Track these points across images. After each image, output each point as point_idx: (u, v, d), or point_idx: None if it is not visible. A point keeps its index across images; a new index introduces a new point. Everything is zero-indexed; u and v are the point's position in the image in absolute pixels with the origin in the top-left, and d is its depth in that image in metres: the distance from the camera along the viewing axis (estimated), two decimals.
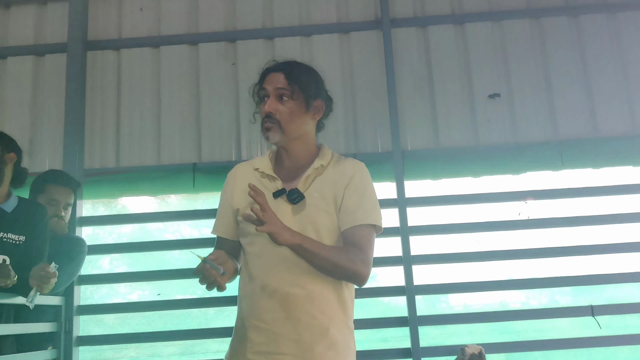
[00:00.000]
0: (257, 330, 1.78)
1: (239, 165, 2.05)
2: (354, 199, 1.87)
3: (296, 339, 1.75)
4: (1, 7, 3.76)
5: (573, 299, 3.35)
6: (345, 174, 1.90)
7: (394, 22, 3.58)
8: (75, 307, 3.22)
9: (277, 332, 1.76)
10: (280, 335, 1.76)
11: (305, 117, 1.91)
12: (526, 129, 3.45)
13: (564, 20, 3.58)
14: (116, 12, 3.75)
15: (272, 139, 1.88)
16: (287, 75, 1.89)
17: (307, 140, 1.96)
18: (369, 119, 3.50)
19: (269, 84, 1.90)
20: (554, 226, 3.37)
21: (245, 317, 1.83)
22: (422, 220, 3.38)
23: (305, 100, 1.89)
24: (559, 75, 3.51)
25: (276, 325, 1.76)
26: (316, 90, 1.93)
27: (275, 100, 1.87)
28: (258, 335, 1.78)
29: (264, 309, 1.78)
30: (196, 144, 3.53)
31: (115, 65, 3.66)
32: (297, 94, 1.88)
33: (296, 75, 1.89)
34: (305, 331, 1.76)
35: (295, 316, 1.76)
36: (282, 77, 1.89)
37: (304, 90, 1.88)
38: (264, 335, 1.77)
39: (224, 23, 3.69)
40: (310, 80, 1.92)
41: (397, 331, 3.31)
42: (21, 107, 3.60)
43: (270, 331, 1.77)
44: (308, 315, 1.77)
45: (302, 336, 1.75)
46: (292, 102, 1.87)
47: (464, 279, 3.32)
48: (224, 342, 3.26)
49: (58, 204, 2.93)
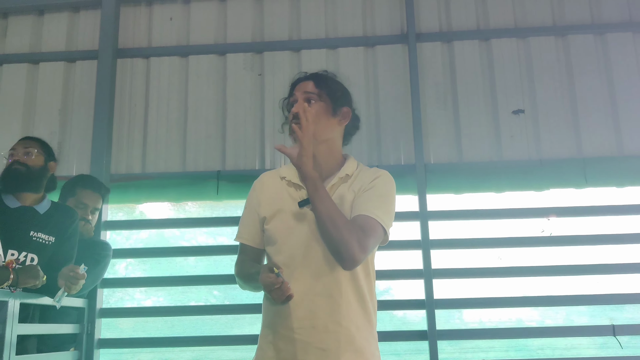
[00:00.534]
0: (284, 338, 1.79)
1: (266, 173, 2.07)
2: (371, 195, 1.86)
3: (323, 348, 1.76)
4: (35, 14, 3.86)
5: (590, 319, 3.30)
6: (368, 178, 1.92)
7: (420, 36, 3.61)
8: (97, 310, 3.26)
9: (304, 340, 1.77)
10: (307, 343, 1.77)
11: (332, 121, 1.94)
12: (550, 146, 3.45)
13: (590, 38, 3.58)
14: (146, 21, 3.82)
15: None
16: (316, 82, 1.95)
17: (333, 146, 1.97)
18: (393, 132, 3.52)
19: (298, 90, 1.96)
20: (576, 244, 3.35)
21: (271, 326, 1.84)
22: (444, 234, 3.37)
23: (332, 105, 1.93)
24: (584, 92, 3.51)
25: (303, 333, 1.77)
26: (343, 97, 1.97)
27: (303, 103, 1.91)
28: (285, 344, 1.79)
29: (290, 317, 1.79)
30: (221, 152, 3.57)
31: (144, 73, 3.73)
32: (324, 97, 1.93)
33: (324, 82, 1.95)
34: (332, 340, 1.77)
35: (322, 325, 1.77)
36: (311, 84, 1.95)
37: (331, 95, 1.93)
38: (291, 344, 1.78)
39: (251, 34, 3.74)
40: (338, 88, 1.98)
41: (411, 345, 3.29)
42: (52, 112, 3.69)
43: (297, 340, 1.77)
44: (335, 324, 1.78)
45: (329, 345, 1.76)
46: (318, 105, 1.92)
47: (483, 295, 3.30)
48: (237, 349, 3.32)
49: (86, 208, 2.99)
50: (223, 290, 3.53)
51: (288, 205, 1.89)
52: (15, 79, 3.75)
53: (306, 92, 1.93)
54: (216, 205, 3.60)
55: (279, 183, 1.97)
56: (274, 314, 1.84)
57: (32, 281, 2.26)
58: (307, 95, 1.93)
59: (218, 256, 3.50)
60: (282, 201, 1.91)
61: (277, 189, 1.95)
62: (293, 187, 1.93)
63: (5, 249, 2.28)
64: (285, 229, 1.87)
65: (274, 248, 1.90)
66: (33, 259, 2.52)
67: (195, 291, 3.52)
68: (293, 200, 1.88)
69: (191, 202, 3.64)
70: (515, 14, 3.65)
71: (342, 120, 1.97)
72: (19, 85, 3.74)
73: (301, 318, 1.78)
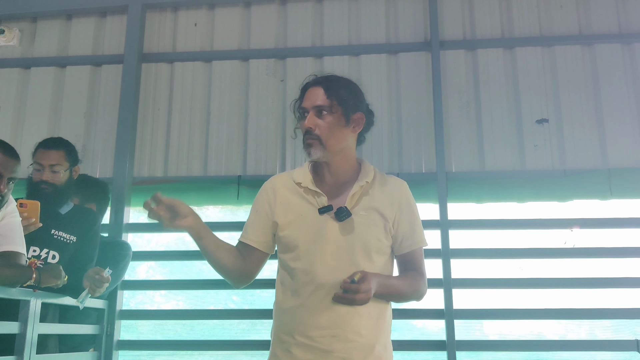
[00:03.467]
0: (303, 347, 1.78)
1: (277, 177, 2.04)
2: (407, 224, 1.92)
3: (344, 357, 1.75)
4: (63, 18, 3.93)
5: (614, 334, 3.24)
6: (393, 195, 1.93)
7: (444, 44, 3.59)
8: (117, 312, 3.29)
9: (324, 349, 1.76)
10: (327, 352, 1.76)
11: (346, 130, 1.91)
12: (574, 156, 3.40)
13: (617, 47, 3.53)
14: (171, 27, 3.86)
15: (314, 155, 1.89)
16: (326, 90, 1.90)
17: (348, 154, 1.96)
18: (414, 139, 3.50)
19: (308, 99, 1.92)
20: (600, 256, 3.29)
21: (287, 333, 1.82)
22: (464, 243, 3.34)
23: (345, 114, 1.89)
24: (610, 102, 3.45)
25: (324, 342, 1.76)
26: (355, 103, 1.93)
27: (314, 116, 1.88)
28: (304, 352, 1.78)
29: (310, 325, 1.78)
30: (242, 157, 3.59)
31: (168, 78, 3.77)
32: (335, 108, 1.88)
33: (334, 89, 1.90)
34: (353, 349, 1.76)
35: (343, 334, 1.76)
36: (321, 92, 1.90)
37: (343, 104, 1.89)
38: (310, 353, 1.77)
39: (274, 40, 3.76)
40: (349, 94, 1.92)
41: (429, 355, 3.27)
42: (77, 115, 3.74)
43: (318, 348, 1.76)
44: (355, 333, 1.77)
45: (350, 354, 1.76)
46: (331, 117, 1.88)
47: (503, 306, 3.26)
48: (255, 355, 3.31)
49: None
50: (242, 295, 3.54)
51: (308, 212, 1.88)
52: (43, 82, 3.81)
53: (316, 106, 1.89)
54: (237, 210, 3.61)
55: (294, 188, 1.94)
56: (291, 320, 1.83)
57: (54, 280, 2.29)
58: (318, 107, 1.89)
59: None
60: (300, 208, 1.90)
61: (292, 195, 1.93)
62: (311, 194, 1.92)
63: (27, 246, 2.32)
64: (306, 236, 1.86)
65: (292, 255, 1.88)
66: (55, 256, 2.56)
67: (215, 295, 3.53)
68: (312, 207, 1.87)
69: (212, 207, 3.66)
70: (541, 22, 3.61)
71: (356, 128, 1.95)
72: (46, 88, 3.80)
73: (323, 327, 1.77)
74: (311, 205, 1.88)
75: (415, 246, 1.92)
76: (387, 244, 1.89)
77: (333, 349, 1.75)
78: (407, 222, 1.92)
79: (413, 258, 1.92)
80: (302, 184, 1.94)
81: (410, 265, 1.92)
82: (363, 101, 1.98)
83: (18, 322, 2.19)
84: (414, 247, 1.91)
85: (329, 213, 1.85)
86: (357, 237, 1.83)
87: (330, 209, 1.85)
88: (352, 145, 1.98)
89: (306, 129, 1.88)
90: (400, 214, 1.91)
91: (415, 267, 1.92)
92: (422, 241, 1.96)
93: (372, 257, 1.83)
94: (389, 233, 1.88)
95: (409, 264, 1.92)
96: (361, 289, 1.66)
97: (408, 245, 1.91)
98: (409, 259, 1.92)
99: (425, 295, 1.95)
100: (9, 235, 2.18)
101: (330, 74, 1.99)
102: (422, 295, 1.93)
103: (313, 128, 1.87)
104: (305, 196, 1.91)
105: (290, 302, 1.84)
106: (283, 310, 1.87)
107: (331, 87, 1.91)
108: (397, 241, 1.91)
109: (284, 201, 1.93)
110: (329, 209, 1.85)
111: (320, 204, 1.87)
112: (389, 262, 1.92)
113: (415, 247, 1.92)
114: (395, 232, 1.90)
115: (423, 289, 1.92)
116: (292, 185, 1.95)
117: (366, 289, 1.68)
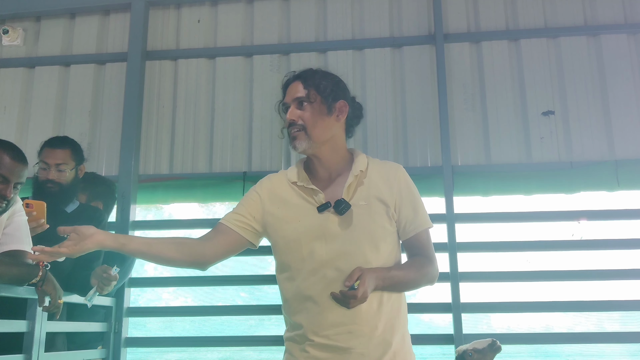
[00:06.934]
0: (320, 347, 1.76)
1: (272, 176, 2.01)
2: (410, 207, 1.89)
3: (363, 352, 1.74)
4: (66, 17, 3.94)
5: (622, 326, 3.23)
6: (391, 180, 1.91)
7: (448, 37, 3.57)
8: (124, 309, 3.30)
9: (341, 347, 1.74)
10: (345, 350, 1.74)
11: (328, 119, 1.89)
12: (581, 148, 3.38)
13: (623, 37, 3.50)
14: (174, 24, 3.86)
15: (300, 147, 1.88)
16: (303, 81, 1.90)
17: (336, 144, 1.94)
18: (420, 133, 3.49)
19: (288, 95, 1.92)
20: (607, 248, 3.28)
21: (301, 332, 1.80)
22: (471, 236, 3.33)
23: (325, 102, 1.88)
24: (616, 93, 3.43)
25: (340, 340, 1.75)
26: (335, 91, 1.91)
27: (295, 109, 1.88)
28: (321, 351, 1.76)
29: (324, 323, 1.76)
30: (247, 153, 3.59)
31: (172, 75, 3.77)
32: (314, 97, 1.87)
33: (311, 80, 1.90)
34: (370, 344, 1.75)
35: (359, 330, 1.75)
36: (300, 86, 1.90)
37: (321, 92, 1.88)
38: (328, 351, 1.76)
39: (277, 36, 3.75)
40: (327, 82, 1.91)
41: (437, 348, 3.27)
42: (82, 113, 3.75)
43: (335, 347, 1.75)
44: (371, 328, 1.76)
45: (368, 349, 1.74)
46: (311, 106, 1.87)
47: (511, 299, 3.25)
48: (264, 350, 3.32)
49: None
50: (250, 291, 3.55)
51: (307, 210, 1.85)
52: (47, 81, 3.82)
53: (296, 98, 1.89)
54: None
55: (291, 188, 1.92)
56: (304, 320, 1.80)
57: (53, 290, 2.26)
58: (298, 99, 1.88)
59: (245, 257, 3.49)
60: (299, 207, 1.87)
61: (288, 193, 1.91)
62: (307, 191, 1.90)
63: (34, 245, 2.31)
64: (309, 236, 1.82)
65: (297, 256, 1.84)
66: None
67: (223, 292, 3.55)
68: (311, 206, 1.86)
69: (218, 203, 3.67)
70: (546, 14, 3.59)
71: (340, 116, 1.92)
72: (51, 87, 3.81)
73: (337, 324, 1.75)
74: (310, 204, 1.86)
75: (420, 228, 1.88)
76: (392, 230, 1.87)
77: (350, 346, 1.74)
78: (409, 206, 1.89)
79: (418, 242, 1.88)
80: (297, 182, 1.92)
81: (416, 249, 1.89)
82: (345, 90, 1.97)
83: (26, 320, 2.20)
84: (418, 230, 1.88)
85: (328, 210, 1.83)
86: (362, 230, 1.81)
87: (328, 206, 1.83)
88: (340, 135, 1.95)
89: (289, 122, 1.88)
90: (401, 199, 1.88)
91: (422, 251, 1.88)
92: (427, 222, 1.91)
93: (379, 247, 1.81)
94: (392, 219, 1.86)
95: (416, 249, 1.89)
96: (358, 294, 1.64)
97: (413, 229, 1.88)
98: (414, 243, 1.89)
99: (436, 279, 1.90)
100: (15, 234, 2.19)
101: (308, 68, 1.99)
102: (434, 279, 1.88)
103: (296, 119, 1.87)
104: (302, 195, 1.89)
105: (300, 302, 1.82)
106: (294, 309, 1.84)
107: (308, 78, 1.91)
108: (401, 226, 1.88)
109: (279, 199, 1.91)
110: (327, 206, 1.83)
111: (319, 202, 1.85)
112: (395, 248, 1.89)
113: (420, 229, 1.88)
114: (398, 216, 1.88)
115: (433, 272, 1.88)
116: (287, 185, 1.94)
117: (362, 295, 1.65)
